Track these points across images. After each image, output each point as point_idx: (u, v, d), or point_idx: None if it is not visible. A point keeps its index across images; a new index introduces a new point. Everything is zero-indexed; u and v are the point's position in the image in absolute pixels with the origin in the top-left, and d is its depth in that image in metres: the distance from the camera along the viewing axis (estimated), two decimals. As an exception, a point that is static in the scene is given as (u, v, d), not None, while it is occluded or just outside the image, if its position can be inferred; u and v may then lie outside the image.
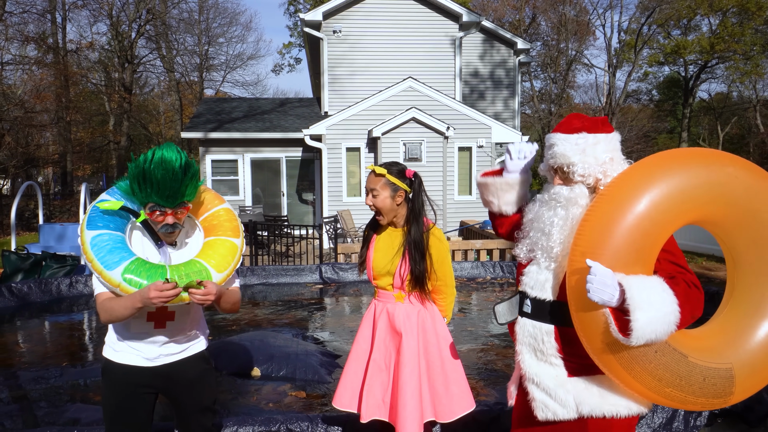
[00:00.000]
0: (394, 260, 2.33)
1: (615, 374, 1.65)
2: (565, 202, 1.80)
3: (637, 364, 1.59)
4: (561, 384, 1.79)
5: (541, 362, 1.83)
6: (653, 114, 35.08)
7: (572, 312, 1.68)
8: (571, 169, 1.80)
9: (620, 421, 1.76)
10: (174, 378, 2.06)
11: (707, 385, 1.61)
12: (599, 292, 1.53)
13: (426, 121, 12.86)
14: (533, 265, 1.88)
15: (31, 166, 22.14)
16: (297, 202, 15.05)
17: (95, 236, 1.87)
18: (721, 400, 1.64)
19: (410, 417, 2.21)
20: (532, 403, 1.84)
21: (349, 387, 2.40)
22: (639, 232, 1.59)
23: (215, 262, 1.93)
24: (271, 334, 4.87)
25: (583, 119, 1.85)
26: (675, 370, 1.59)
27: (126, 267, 1.81)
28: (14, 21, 19.49)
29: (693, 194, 1.62)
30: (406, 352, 2.28)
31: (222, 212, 2.11)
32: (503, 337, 5.11)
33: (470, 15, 15.12)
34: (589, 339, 1.64)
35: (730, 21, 27.12)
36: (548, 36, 33.12)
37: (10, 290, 6.62)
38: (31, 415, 3.43)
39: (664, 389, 1.61)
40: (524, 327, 1.88)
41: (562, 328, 1.79)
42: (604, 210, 1.64)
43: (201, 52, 32.43)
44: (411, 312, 2.35)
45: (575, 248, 1.68)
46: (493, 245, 8.87)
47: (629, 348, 1.57)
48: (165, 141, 30.07)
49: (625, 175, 1.69)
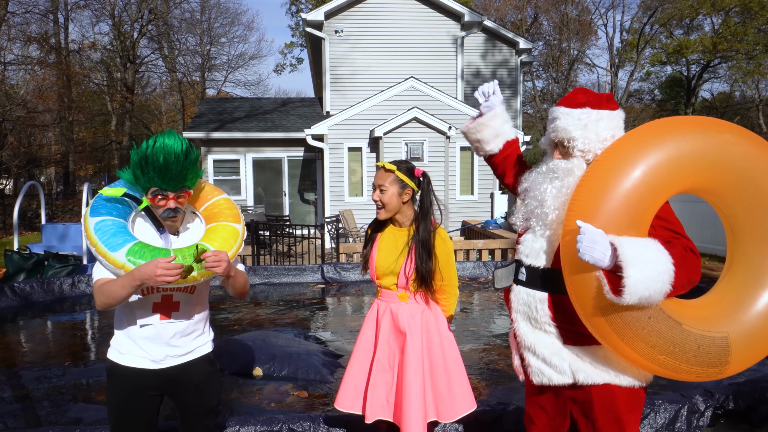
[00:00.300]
0: (398, 260, 2.32)
1: (607, 340, 1.64)
2: (561, 174, 1.80)
3: (630, 329, 1.58)
4: (556, 352, 1.81)
5: (537, 330, 1.85)
6: (655, 114, 35.02)
7: (565, 276, 1.68)
8: (572, 143, 1.80)
9: (623, 390, 1.77)
10: (180, 381, 2.06)
11: (702, 353, 1.59)
12: (590, 250, 1.52)
13: (428, 121, 12.86)
14: (529, 233, 1.90)
15: (33, 166, 22.20)
16: (299, 201, 15.05)
17: (99, 222, 1.89)
18: (717, 369, 1.62)
19: (414, 417, 2.21)
20: (528, 368, 1.88)
21: (351, 388, 2.38)
22: (634, 196, 1.58)
23: (218, 244, 1.95)
24: (273, 334, 4.87)
25: (589, 94, 1.85)
26: (669, 337, 1.58)
27: (130, 249, 1.83)
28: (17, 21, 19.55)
29: (688, 160, 1.61)
30: (410, 351, 2.28)
31: (222, 201, 2.14)
32: (505, 337, 5.11)
33: (472, 15, 15.11)
34: (582, 303, 1.63)
35: (733, 20, 27.05)
36: (550, 36, 33.10)
37: (13, 290, 6.64)
38: (34, 414, 3.44)
39: (657, 356, 1.60)
40: (519, 294, 1.90)
41: (555, 295, 1.80)
42: (599, 175, 1.64)
43: (203, 52, 32.47)
44: (415, 312, 2.34)
45: (569, 213, 1.68)
46: (494, 245, 8.87)
47: (622, 313, 1.56)
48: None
49: (621, 142, 1.69)
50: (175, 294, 2.01)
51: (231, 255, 1.98)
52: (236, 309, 6.36)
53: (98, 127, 29.96)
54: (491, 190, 13.89)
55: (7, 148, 18.29)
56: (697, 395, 3.04)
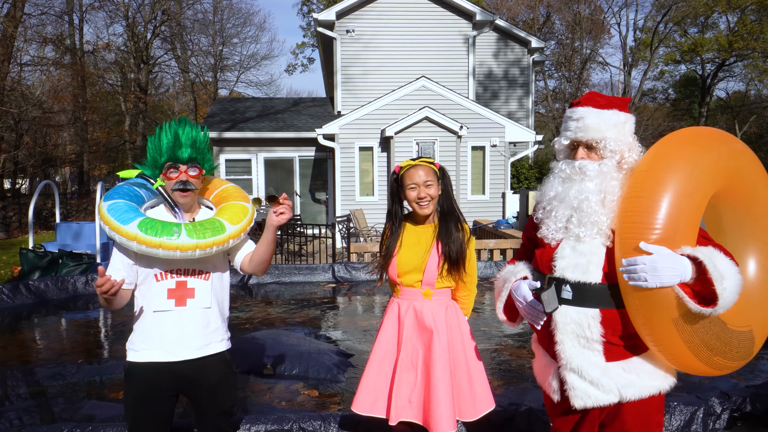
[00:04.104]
0: (425, 256, 2.29)
1: (672, 350, 1.65)
2: (595, 176, 1.76)
3: (697, 336, 1.62)
4: (604, 372, 1.75)
5: (585, 349, 1.76)
6: (669, 113, 34.65)
7: (628, 292, 1.64)
8: (603, 143, 1.78)
9: (653, 399, 1.77)
10: (196, 381, 2.06)
11: (741, 348, 1.69)
12: (656, 278, 1.54)
13: (439, 121, 12.82)
14: (565, 246, 1.79)
15: (48, 165, 22.48)
16: (310, 201, 15.08)
17: (112, 203, 1.99)
18: (746, 361, 1.74)
19: (446, 415, 2.16)
20: (570, 392, 1.78)
21: (371, 390, 2.30)
22: (692, 203, 1.64)
23: (228, 216, 2.06)
24: (283, 333, 4.88)
25: (607, 96, 1.86)
26: (722, 338, 1.65)
27: (141, 221, 1.92)
28: (33, 23, 19.79)
29: (719, 168, 1.71)
30: (438, 349, 2.23)
31: (230, 187, 2.26)
32: (517, 338, 5.07)
33: (484, 14, 15.05)
34: (650, 317, 1.62)
35: (749, 18, 26.68)
36: (562, 35, 32.87)
37: (28, 288, 6.71)
38: (48, 411, 3.47)
39: (713, 358, 1.66)
40: (567, 314, 1.77)
41: (606, 310, 1.74)
42: (657, 183, 1.65)
43: (215, 52, 32.66)
44: (439, 308, 2.31)
45: (631, 225, 1.65)
46: (506, 245, 8.82)
47: (693, 322, 1.60)
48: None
49: (667, 150, 1.71)
50: (190, 280, 2.04)
51: (242, 225, 2.07)
52: (247, 308, 6.38)
53: (112, 127, 30.26)
54: (503, 189, 13.82)
55: (23, 148, 18.53)
56: (713, 397, 2.99)
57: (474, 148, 13.64)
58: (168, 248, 1.88)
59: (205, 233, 1.94)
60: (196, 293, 2.04)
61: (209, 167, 2.12)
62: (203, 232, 1.94)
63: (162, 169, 2.03)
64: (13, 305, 6.42)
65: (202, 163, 2.07)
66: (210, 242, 1.94)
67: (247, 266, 2.14)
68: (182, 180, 2.01)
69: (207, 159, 2.10)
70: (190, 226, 1.94)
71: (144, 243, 1.88)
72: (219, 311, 2.13)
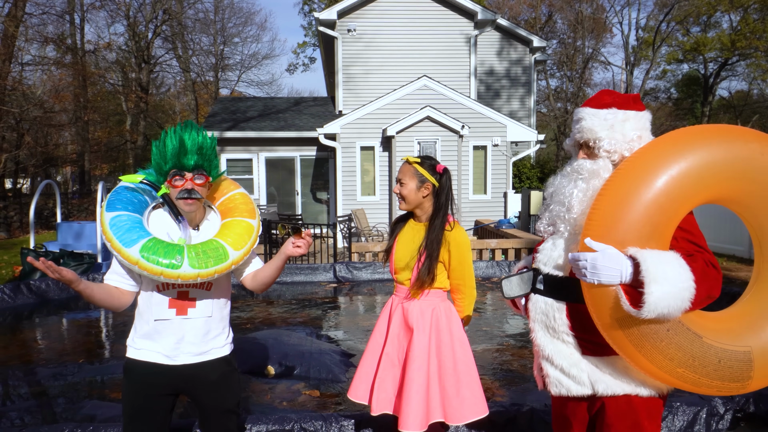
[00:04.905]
0: (415, 255, 2.32)
1: (624, 352, 1.62)
2: (587, 174, 1.78)
3: (648, 341, 1.56)
4: (575, 363, 1.78)
5: (555, 340, 1.83)
6: (672, 112, 34.60)
7: (583, 286, 1.66)
8: (597, 144, 1.79)
9: (642, 400, 1.74)
10: (196, 379, 2.05)
11: (723, 367, 1.56)
12: (594, 275, 1.54)
13: (441, 120, 12.80)
14: (548, 241, 1.88)
15: (50, 165, 22.50)
16: (311, 201, 15.08)
17: (114, 217, 1.93)
18: (739, 384, 1.59)
19: (413, 413, 2.18)
20: (546, 379, 1.86)
21: (364, 379, 2.41)
22: (655, 207, 1.55)
23: (231, 240, 2.00)
24: (285, 333, 4.87)
25: (614, 95, 1.84)
26: (688, 350, 1.55)
27: (144, 245, 1.87)
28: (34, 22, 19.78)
29: (712, 170, 1.57)
30: (415, 348, 2.27)
31: (238, 196, 2.18)
32: (519, 338, 5.06)
33: (485, 13, 15.02)
34: (599, 313, 1.62)
35: (752, 17, 26.61)
36: (564, 34, 32.84)
37: (29, 287, 6.71)
38: (50, 410, 3.47)
39: (676, 369, 1.57)
40: (536, 304, 1.87)
41: (573, 305, 1.78)
42: (621, 183, 1.61)
43: (216, 51, 32.67)
44: (425, 309, 2.32)
45: (588, 222, 1.66)
46: (508, 245, 8.80)
47: (640, 325, 1.54)
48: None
49: (644, 150, 1.66)
50: (191, 290, 2.02)
51: (245, 250, 2.03)
52: (248, 308, 6.37)
53: (113, 126, 30.27)
54: (504, 189, 13.80)
55: (25, 148, 18.53)
56: (716, 398, 2.98)
57: (476, 147, 13.62)
58: (169, 276, 1.87)
59: (208, 262, 1.91)
60: (197, 303, 2.03)
61: (216, 174, 2.08)
62: (206, 261, 1.91)
63: (167, 176, 1.98)
64: (14, 305, 6.42)
65: (208, 171, 2.02)
66: (212, 271, 1.92)
67: (250, 283, 2.14)
68: (187, 188, 1.96)
69: (214, 165, 2.05)
70: (193, 254, 1.89)
71: (145, 269, 1.86)
72: (220, 318, 2.12)
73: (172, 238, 2.00)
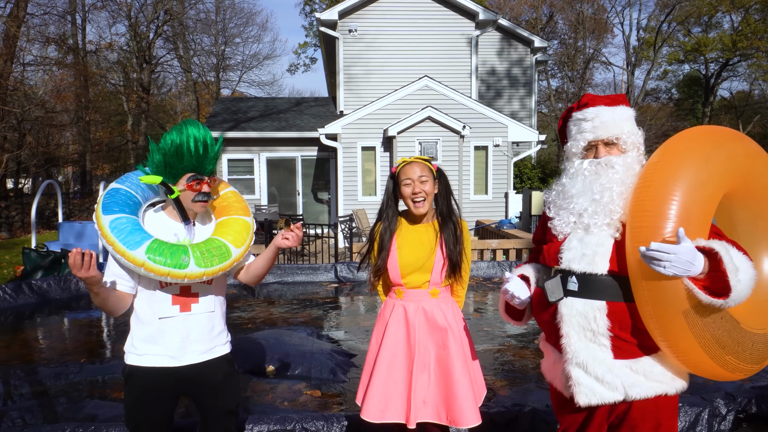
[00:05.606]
0: (431, 256, 2.25)
1: (682, 344, 1.62)
2: (620, 168, 1.78)
3: (708, 331, 1.59)
4: (609, 369, 1.72)
5: (591, 344, 1.74)
6: (673, 113, 34.56)
7: (638, 282, 1.63)
8: (623, 138, 1.82)
9: (668, 399, 1.74)
10: (199, 381, 2.05)
11: (755, 351, 1.66)
12: (683, 266, 1.51)
13: (442, 120, 12.80)
14: (573, 239, 1.79)
15: (51, 165, 22.51)
16: (312, 201, 15.08)
17: (114, 219, 1.92)
18: (759, 366, 1.70)
19: (471, 408, 2.15)
20: (575, 387, 1.75)
21: (381, 397, 2.21)
22: (706, 198, 1.63)
23: (232, 239, 2.05)
24: (286, 333, 4.87)
25: (607, 95, 1.90)
26: (735, 337, 1.63)
27: (149, 246, 1.88)
28: (36, 23, 19.82)
29: (732, 165, 1.70)
30: (454, 346, 2.21)
31: (230, 194, 2.23)
32: (520, 338, 5.06)
33: (486, 13, 15.03)
34: (660, 310, 1.60)
35: (753, 18, 26.59)
36: (565, 34, 32.82)
37: (30, 287, 6.72)
38: (51, 410, 3.47)
39: (725, 357, 1.63)
40: (572, 306, 1.75)
41: (612, 303, 1.72)
42: (670, 176, 1.64)
43: (217, 52, 32.68)
44: (446, 306, 2.30)
45: (642, 215, 1.63)
46: (509, 245, 8.80)
47: (704, 316, 1.58)
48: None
49: (675, 146, 1.72)
50: (194, 285, 2.03)
51: (245, 248, 2.08)
52: (250, 307, 6.37)
53: (114, 126, 30.31)
54: (505, 189, 13.80)
55: (26, 148, 18.55)
56: (718, 398, 2.97)
57: (477, 147, 13.62)
58: (176, 276, 1.89)
59: (213, 261, 1.95)
60: (200, 298, 2.04)
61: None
62: (211, 260, 1.94)
63: (178, 177, 1.99)
64: (15, 305, 6.43)
65: (215, 172, 2.11)
66: (217, 269, 1.97)
67: (243, 276, 2.19)
68: (205, 192, 2.02)
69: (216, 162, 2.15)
70: (198, 253, 1.92)
71: (152, 271, 1.87)
72: (221, 314, 2.14)
73: (179, 239, 2.02)
